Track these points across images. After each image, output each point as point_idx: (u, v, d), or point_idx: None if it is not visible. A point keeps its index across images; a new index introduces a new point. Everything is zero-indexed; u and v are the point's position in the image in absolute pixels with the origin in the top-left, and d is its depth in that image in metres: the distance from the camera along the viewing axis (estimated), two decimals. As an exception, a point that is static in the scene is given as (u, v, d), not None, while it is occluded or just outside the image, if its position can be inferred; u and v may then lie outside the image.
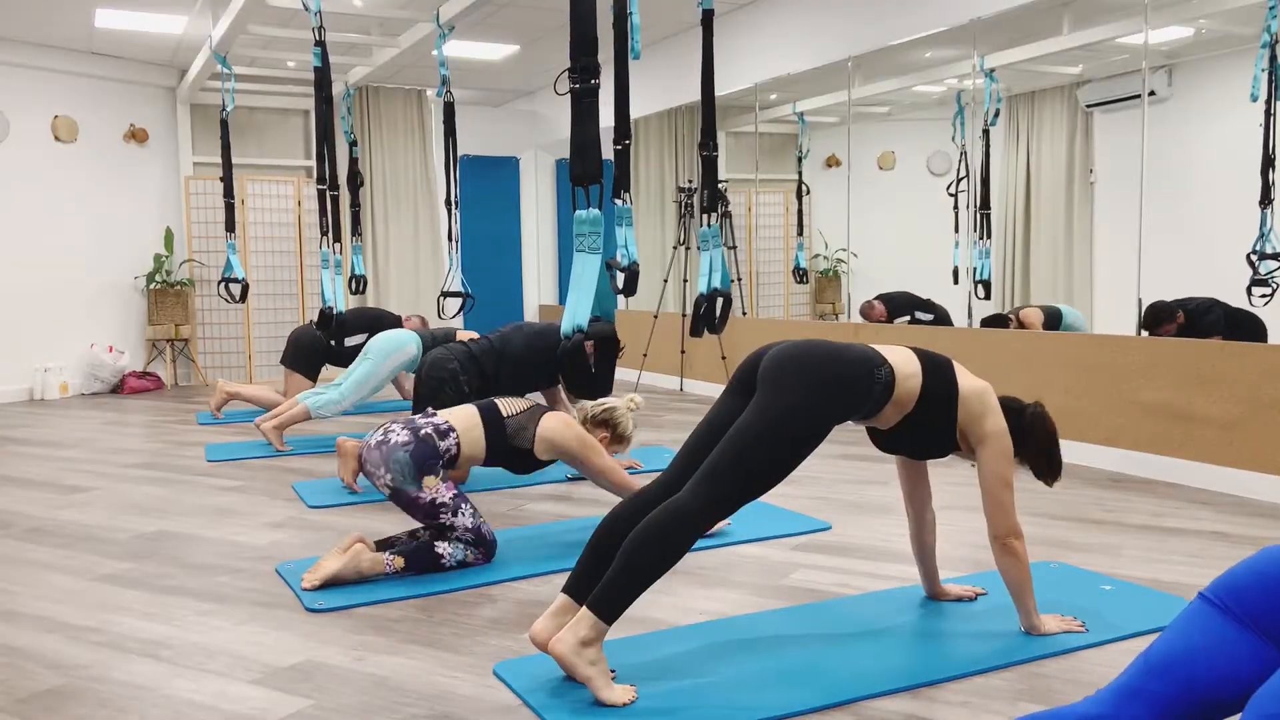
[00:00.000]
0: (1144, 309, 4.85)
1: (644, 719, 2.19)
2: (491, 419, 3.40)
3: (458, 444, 3.31)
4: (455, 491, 3.28)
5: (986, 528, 2.61)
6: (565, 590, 2.40)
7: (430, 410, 3.46)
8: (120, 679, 2.48)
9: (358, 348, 6.35)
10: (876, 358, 2.47)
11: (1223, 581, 1.63)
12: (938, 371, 2.55)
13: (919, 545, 2.88)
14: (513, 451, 3.43)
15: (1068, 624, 2.67)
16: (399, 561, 3.18)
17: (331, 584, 3.12)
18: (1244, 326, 4.77)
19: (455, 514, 3.26)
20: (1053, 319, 5.86)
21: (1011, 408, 2.67)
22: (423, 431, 3.27)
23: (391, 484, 3.22)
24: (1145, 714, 1.57)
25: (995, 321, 5.91)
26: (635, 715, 2.21)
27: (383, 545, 3.31)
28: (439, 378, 4.55)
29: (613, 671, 2.31)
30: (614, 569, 2.25)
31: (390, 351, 5.49)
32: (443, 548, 3.24)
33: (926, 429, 2.57)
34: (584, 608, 2.25)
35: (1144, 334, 4.81)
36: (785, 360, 2.39)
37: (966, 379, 2.59)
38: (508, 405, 3.46)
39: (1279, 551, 1.61)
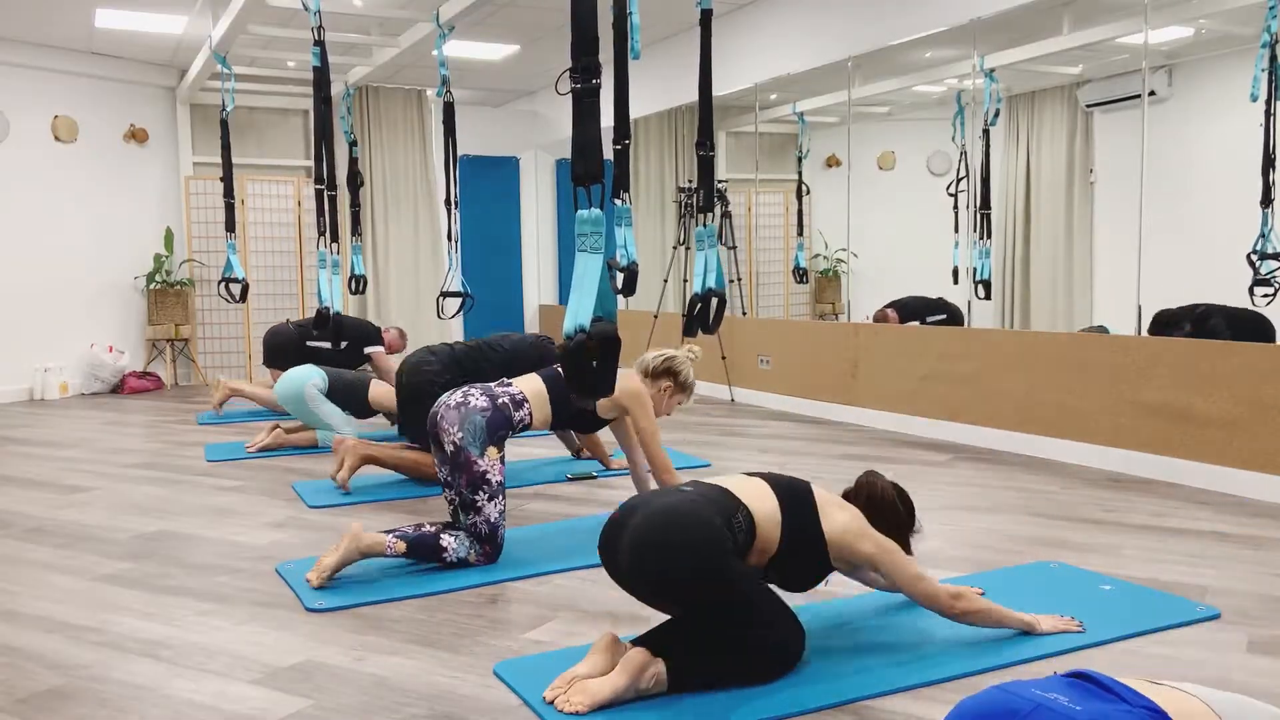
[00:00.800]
0: (1152, 319, 4.81)
1: (644, 718, 2.19)
2: (555, 385, 3.51)
3: (530, 415, 3.44)
4: (502, 480, 3.34)
5: (937, 611, 2.54)
6: (637, 640, 2.38)
7: (506, 380, 3.54)
8: (120, 679, 2.48)
9: (340, 351, 6.39)
10: (729, 503, 2.39)
11: None
12: (797, 509, 2.46)
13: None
14: (577, 413, 3.58)
15: (1066, 624, 2.66)
16: (400, 546, 3.17)
17: (338, 571, 3.12)
18: (1248, 326, 4.75)
19: (491, 499, 3.29)
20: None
21: (871, 498, 2.62)
22: (500, 400, 3.37)
23: (459, 442, 3.27)
24: None
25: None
26: (635, 715, 2.21)
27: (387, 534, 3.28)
28: (416, 383, 4.53)
29: None
30: (702, 665, 2.31)
31: (302, 398, 5.45)
32: (447, 541, 3.24)
33: (799, 567, 2.51)
34: (662, 662, 2.26)
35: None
36: (642, 554, 2.31)
37: (830, 517, 2.48)
38: None
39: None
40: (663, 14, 6.91)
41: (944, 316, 6.67)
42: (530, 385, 3.52)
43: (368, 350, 6.67)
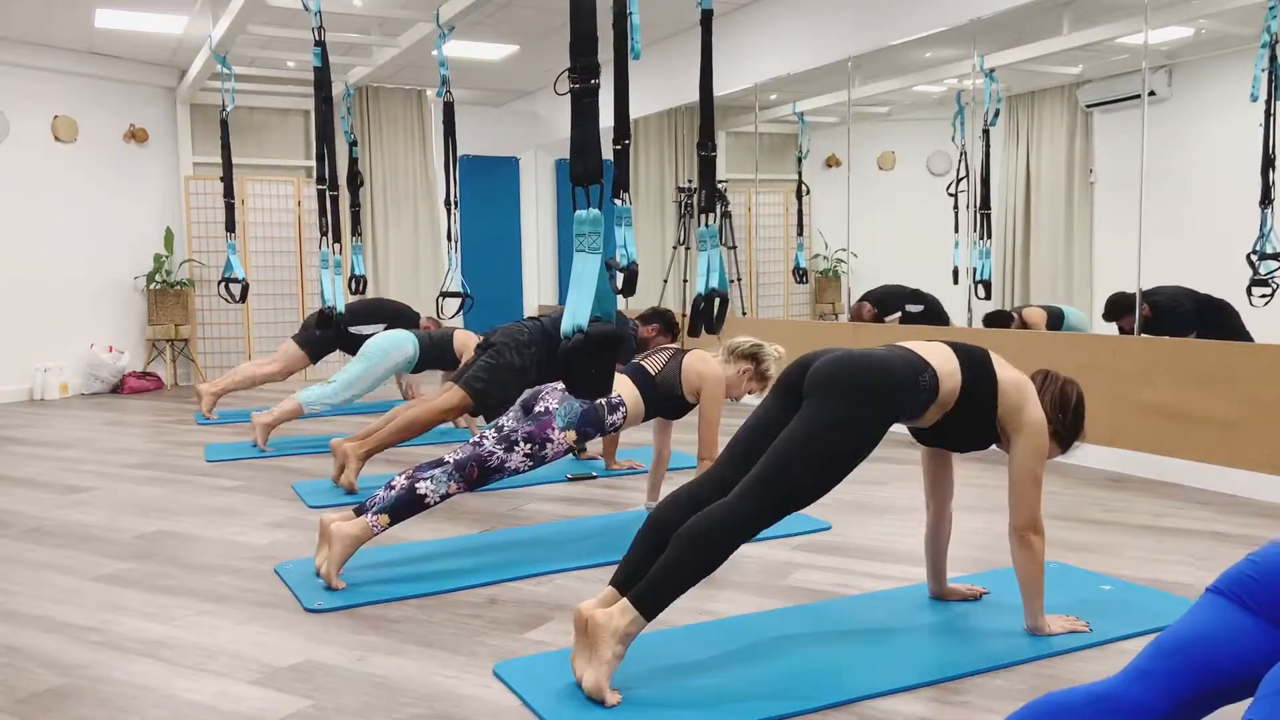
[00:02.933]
0: (1106, 301, 4.85)
1: (643, 718, 2.19)
2: (642, 381, 3.60)
3: (624, 416, 3.51)
4: (550, 459, 3.37)
5: (1009, 519, 2.61)
6: (612, 583, 2.40)
7: None
8: (120, 679, 2.48)
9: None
10: (919, 362, 2.50)
11: (1229, 574, 1.70)
12: (976, 366, 2.57)
13: (934, 540, 2.88)
14: (666, 401, 3.66)
15: (1073, 624, 2.66)
16: (384, 520, 3.11)
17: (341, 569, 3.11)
18: (1217, 314, 4.76)
19: (528, 458, 3.30)
20: (1055, 319, 5.87)
21: (1048, 382, 2.69)
22: (598, 400, 3.42)
23: (550, 410, 3.35)
24: (1153, 692, 1.64)
25: (997, 319, 5.91)
26: (635, 715, 2.21)
27: (360, 512, 3.18)
28: (509, 345, 4.49)
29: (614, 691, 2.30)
30: (658, 568, 2.29)
31: (388, 350, 5.47)
32: (424, 487, 3.17)
33: (968, 423, 2.59)
34: (625, 599, 2.27)
35: (1145, 333, 4.81)
36: (832, 372, 2.42)
37: (1005, 370, 2.60)
38: (652, 363, 3.67)
39: None
40: (663, 14, 6.91)
41: (922, 308, 6.66)
42: (624, 386, 3.58)
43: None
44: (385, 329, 6.40)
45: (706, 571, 2.32)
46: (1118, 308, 4.94)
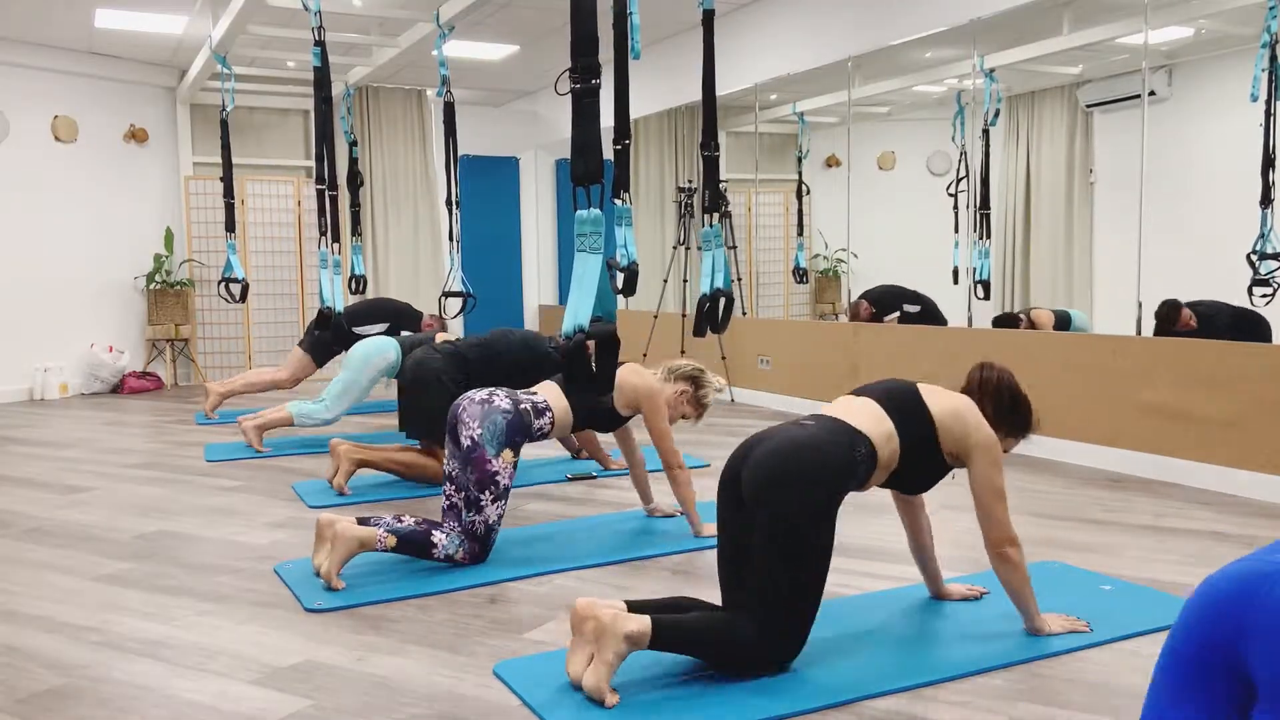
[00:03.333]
0: (1160, 307, 4.84)
1: (643, 718, 2.19)
2: (571, 390, 3.52)
3: (551, 423, 3.44)
4: (509, 485, 3.30)
5: (983, 536, 2.59)
6: (628, 601, 2.39)
7: (533, 389, 3.54)
8: (120, 679, 2.48)
9: (382, 335, 6.27)
10: (852, 434, 2.43)
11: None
12: (909, 415, 2.52)
13: (918, 551, 2.89)
14: (595, 413, 3.60)
15: (1072, 624, 2.66)
16: (390, 540, 3.11)
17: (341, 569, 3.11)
18: (1252, 326, 4.77)
19: (495, 501, 3.25)
20: (1063, 322, 5.87)
21: (984, 384, 2.66)
22: (522, 405, 3.36)
23: (476, 439, 3.23)
24: None
25: (1006, 321, 5.91)
26: (635, 715, 2.21)
27: (362, 522, 3.18)
28: (423, 379, 4.47)
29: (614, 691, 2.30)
30: (690, 627, 2.32)
31: (369, 358, 5.37)
32: (438, 538, 3.19)
33: (916, 471, 2.57)
34: (649, 615, 2.27)
35: (1154, 336, 4.81)
36: (769, 468, 2.36)
37: (937, 403, 2.55)
38: None
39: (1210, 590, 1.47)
40: (663, 14, 6.91)
41: (919, 308, 6.67)
42: (552, 392, 3.51)
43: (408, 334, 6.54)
44: (388, 329, 6.40)
45: (710, 664, 2.39)
46: (1171, 314, 4.92)
